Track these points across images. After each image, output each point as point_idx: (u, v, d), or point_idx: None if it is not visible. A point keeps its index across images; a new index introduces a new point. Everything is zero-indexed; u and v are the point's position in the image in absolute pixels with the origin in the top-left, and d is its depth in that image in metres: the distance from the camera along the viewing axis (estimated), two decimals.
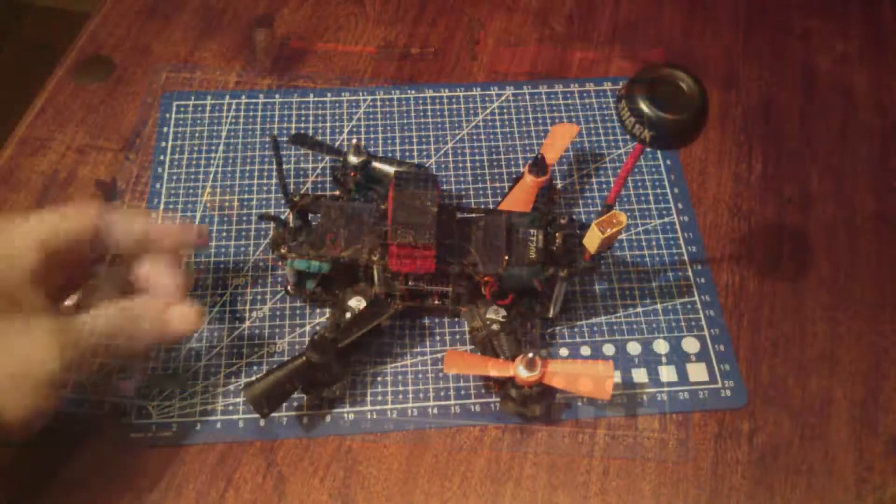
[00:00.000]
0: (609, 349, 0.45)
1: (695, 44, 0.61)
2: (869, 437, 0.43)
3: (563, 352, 0.45)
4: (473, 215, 0.43)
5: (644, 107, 0.34)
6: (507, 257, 0.42)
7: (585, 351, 0.45)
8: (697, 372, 0.45)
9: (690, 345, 0.46)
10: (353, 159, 0.47)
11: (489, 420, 0.43)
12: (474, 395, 0.44)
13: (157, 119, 0.54)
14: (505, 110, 0.56)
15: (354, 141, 0.47)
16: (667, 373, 0.45)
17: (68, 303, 0.42)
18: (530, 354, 0.40)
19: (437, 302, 0.44)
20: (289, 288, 0.46)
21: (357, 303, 0.44)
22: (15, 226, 0.40)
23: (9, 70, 1.30)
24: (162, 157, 0.52)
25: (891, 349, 0.46)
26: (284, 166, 0.51)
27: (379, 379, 0.44)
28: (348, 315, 0.43)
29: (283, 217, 0.44)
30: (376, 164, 0.47)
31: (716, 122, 0.56)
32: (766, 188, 0.53)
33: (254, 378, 0.41)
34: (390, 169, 0.47)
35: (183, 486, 0.41)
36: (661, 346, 0.46)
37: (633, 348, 0.45)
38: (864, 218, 0.51)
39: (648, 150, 0.53)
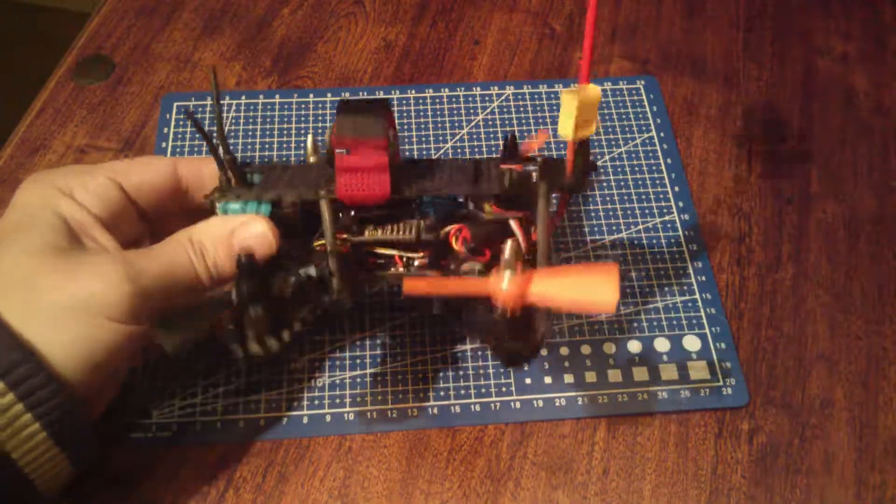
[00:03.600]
0: (610, 347, 0.45)
1: (695, 44, 0.61)
2: (869, 437, 0.43)
3: (564, 350, 0.45)
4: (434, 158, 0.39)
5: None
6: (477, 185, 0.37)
7: (585, 349, 0.45)
8: (698, 370, 0.45)
9: (691, 343, 0.46)
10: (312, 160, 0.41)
11: (489, 420, 0.43)
12: (474, 394, 0.44)
13: (158, 119, 0.54)
14: (505, 110, 0.56)
15: (310, 141, 0.41)
16: (667, 371, 0.45)
17: None
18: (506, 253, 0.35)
19: (401, 269, 0.39)
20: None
21: (306, 271, 0.38)
22: (98, 167, 0.39)
23: (9, 70, 1.30)
24: None
25: (891, 349, 0.46)
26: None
27: (379, 379, 0.44)
28: (302, 273, 0.38)
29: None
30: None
31: (716, 122, 0.56)
32: (766, 188, 0.53)
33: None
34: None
35: (183, 486, 0.40)
36: (661, 345, 0.46)
37: (634, 347, 0.45)
38: (864, 218, 0.51)
39: (648, 149, 0.54)
